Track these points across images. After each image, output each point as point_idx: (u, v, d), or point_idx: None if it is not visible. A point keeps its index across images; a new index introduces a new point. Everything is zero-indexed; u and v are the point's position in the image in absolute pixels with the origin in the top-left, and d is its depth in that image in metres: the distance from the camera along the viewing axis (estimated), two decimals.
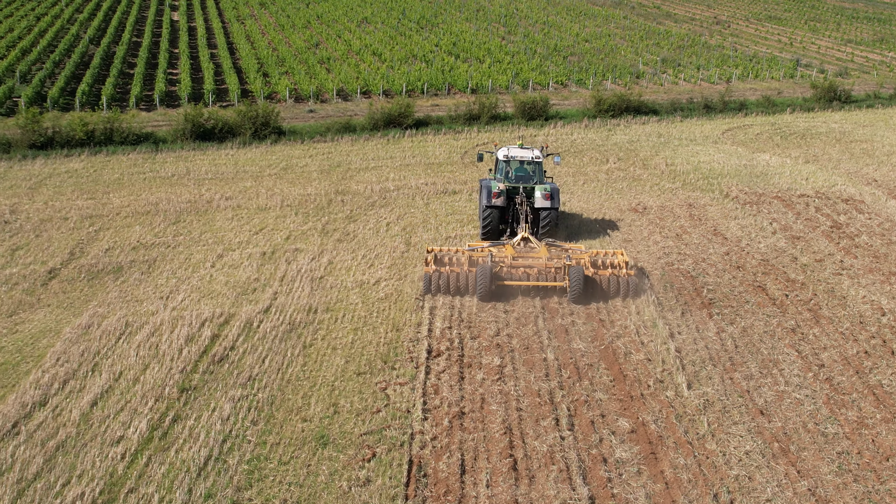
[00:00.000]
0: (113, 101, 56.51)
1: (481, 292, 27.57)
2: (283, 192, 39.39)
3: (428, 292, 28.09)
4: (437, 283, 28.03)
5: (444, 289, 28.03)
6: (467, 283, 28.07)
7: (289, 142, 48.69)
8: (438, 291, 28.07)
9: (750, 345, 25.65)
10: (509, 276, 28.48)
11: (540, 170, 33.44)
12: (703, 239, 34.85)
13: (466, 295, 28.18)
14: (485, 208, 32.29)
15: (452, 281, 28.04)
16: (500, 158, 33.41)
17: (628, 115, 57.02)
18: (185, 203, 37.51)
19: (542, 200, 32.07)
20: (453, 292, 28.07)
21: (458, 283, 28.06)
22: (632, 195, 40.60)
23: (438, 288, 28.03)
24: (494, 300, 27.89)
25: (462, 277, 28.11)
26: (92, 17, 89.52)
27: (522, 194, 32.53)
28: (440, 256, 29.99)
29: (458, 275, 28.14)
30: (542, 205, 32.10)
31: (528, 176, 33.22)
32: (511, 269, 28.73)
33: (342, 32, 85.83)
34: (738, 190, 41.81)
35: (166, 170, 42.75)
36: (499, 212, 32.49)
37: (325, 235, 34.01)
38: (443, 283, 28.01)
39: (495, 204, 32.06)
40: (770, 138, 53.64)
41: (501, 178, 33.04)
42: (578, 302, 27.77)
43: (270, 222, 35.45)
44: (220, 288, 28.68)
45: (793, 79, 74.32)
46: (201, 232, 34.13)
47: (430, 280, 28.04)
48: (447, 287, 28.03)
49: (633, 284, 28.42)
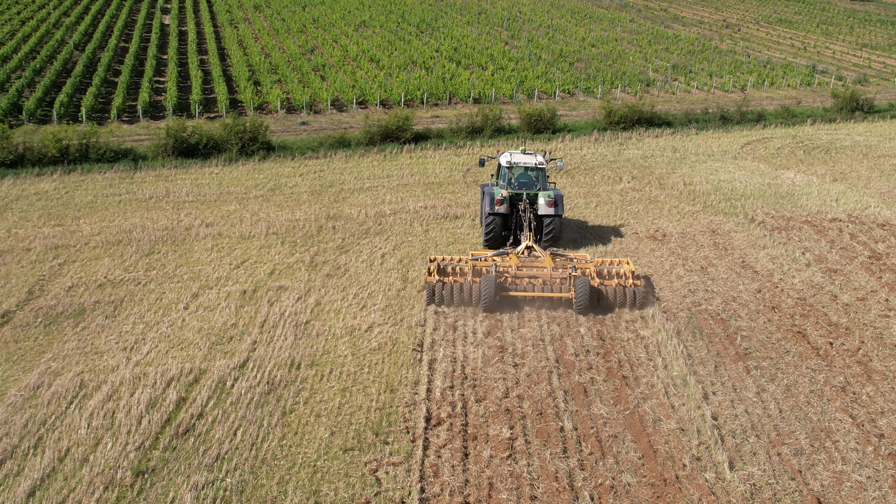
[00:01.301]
0: (94, 112, 53.30)
1: (486, 303, 26.93)
2: (270, 218, 36.09)
3: (431, 303, 27.43)
4: (441, 294, 27.42)
5: (447, 300, 27.39)
6: (471, 294, 27.38)
7: (278, 158, 45.39)
8: (442, 303, 27.43)
9: (796, 408, 22.35)
10: (514, 286, 27.82)
11: (543, 176, 32.56)
12: (730, 273, 31.55)
13: (470, 306, 27.38)
14: (488, 215, 31.50)
15: (456, 292, 27.40)
16: (502, 164, 32.47)
17: (640, 128, 53.71)
18: (161, 231, 34.21)
19: (546, 207, 31.38)
20: (457, 303, 27.39)
21: (462, 294, 27.39)
22: (649, 220, 37.29)
23: (442, 299, 27.42)
24: (499, 311, 27.18)
25: (466, 288, 27.44)
26: (79, 20, 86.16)
27: (525, 201, 31.88)
28: (443, 266, 29.08)
29: (462, 285, 27.50)
30: (545, 212, 31.38)
31: (531, 182, 32.45)
32: (515, 279, 28.11)
33: (339, 37, 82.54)
34: (763, 213, 38.49)
35: (144, 191, 39.43)
36: (502, 219, 31.75)
37: (313, 269, 30.71)
38: (446, 294, 27.38)
39: (498, 211, 31.32)
40: (792, 153, 50.32)
41: (504, 185, 32.21)
42: (584, 313, 27.16)
43: (254, 253, 32.16)
44: (192, 336, 25.38)
45: (810, 86, 71.00)
46: (176, 265, 30.83)
47: (433, 291, 27.46)
48: (451, 298, 27.39)
49: (639, 295, 27.75)
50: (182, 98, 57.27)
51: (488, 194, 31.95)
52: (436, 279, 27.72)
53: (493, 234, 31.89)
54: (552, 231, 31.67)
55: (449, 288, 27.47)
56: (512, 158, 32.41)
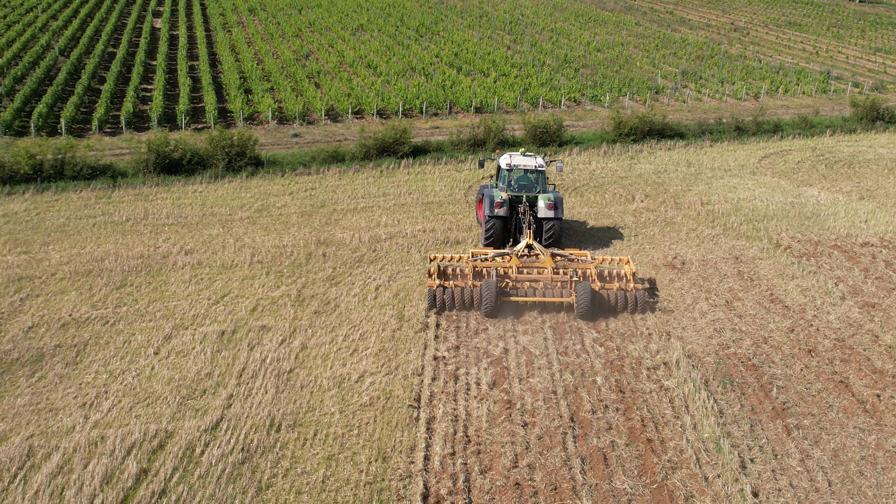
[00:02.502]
0: (75, 123, 50.48)
1: (487, 309, 26.75)
2: (255, 244, 33.26)
3: (433, 308, 27.26)
4: (442, 299, 27.25)
5: (448, 305, 27.25)
6: (472, 298, 27.24)
7: (267, 174, 42.52)
8: (443, 308, 27.27)
9: (847, 480, 19.53)
10: (515, 291, 27.65)
11: (543, 178, 32.45)
12: (759, 308, 28.71)
13: (472, 309, 27.23)
14: (488, 218, 31.26)
15: (457, 296, 27.25)
16: (502, 167, 32.23)
17: (652, 140, 50.87)
18: (135, 259, 31.37)
19: (546, 210, 31.27)
20: (458, 307, 27.27)
21: (464, 299, 27.27)
22: (666, 245, 34.46)
23: (443, 304, 27.25)
24: (500, 316, 26.99)
25: (467, 293, 27.28)
26: (67, 24, 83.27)
27: (525, 203, 31.79)
28: (443, 267, 29.24)
29: (463, 290, 27.35)
30: (545, 214, 31.29)
31: (531, 185, 32.29)
32: (516, 283, 28.04)
33: (335, 42, 79.69)
34: (789, 237, 35.66)
35: (121, 212, 36.59)
36: (502, 221, 31.54)
37: (300, 305, 27.87)
38: (447, 298, 27.23)
39: (498, 214, 31.17)
40: (813, 167, 47.47)
41: (504, 187, 32.07)
42: (586, 318, 26.96)
43: (235, 286, 29.32)
44: (161, 389, 22.55)
45: (826, 94, 68.13)
46: (149, 301, 27.98)
47: (433, 296, 27.27)
48: (452, 303, 27.26)
49: (640, 300, 27.60)
50: (169, 107, 54.47)
51: (488, 197, 31.55)
52: (437, 283, 27.59)
53: (494, 237, 31.55)
54: (552, 234, 31.46)
55: (450, 293, 27.26)
56: (512, 160, 32.06)
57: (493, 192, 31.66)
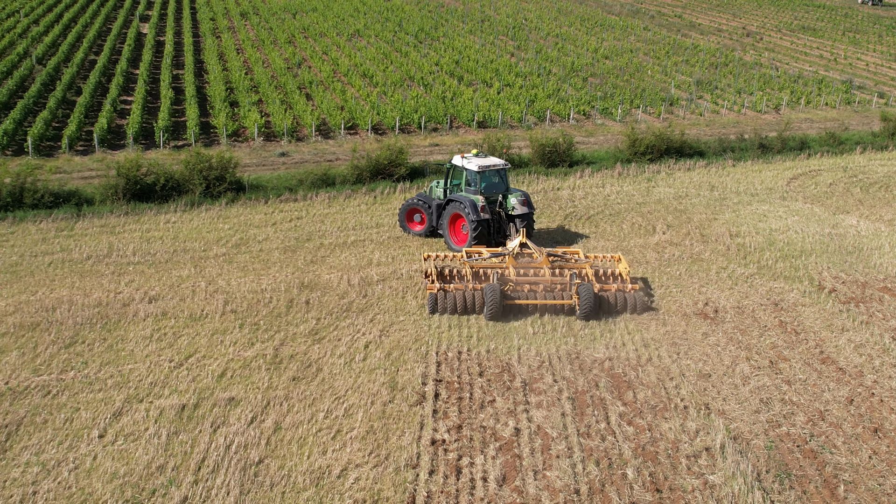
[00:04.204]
0: (45, 140, 46.61)
1: (492, 313, 26.78)
2: (230, 288, 29.32)
3: (434, 313, 27.30)
4: (444, 304, 27.28)
5: (450, 309, 27.26)
6: (474, 301, 27.29)
7: (249, 201, 38.61)
8: (445, 312, 27.33)
9: None
10: (516, 294, 27.76)
11: (507, 177, 33.35)
12: (809, 370, 24.78)
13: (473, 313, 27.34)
14: (476, 224, 31.24)
15: (459, 301, 27.26)
16: (473, 170, 32.14)
17: (669, 159, 46.95)
18: (92, 308, 27.43)
19: (521, 207, 32.09)
20: (460, 312, 27.25)
21: (466, 303, 27.26)
22: (695, 287, 30.52)
23: (445, 308, 27.30)
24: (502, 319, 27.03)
25: (469, 296, 27.31)
26: (49, 30, 79.28)
27: (499, 203, 32.37)
28: (441, 269, 29.24)
29: (465, 294, 27.34)
30: (521, 211, 32.02)
31: (500, 184, 32.85)
32: (517, 286, 28.07)
33: (329, 49, 75.74)
34: (832, 278, 31.74)
35: (83, 248, 32.65)
36: (486, 225, 31.87)
37: (277, 369, 23.93)
38: (449, 303, 27.25)
39: (484, 217, 31.39)
40: (847, 191, 43.53)
41: (477, 190, 32.14)
42: (588, 320, 27.18)
43: (203, 343, 25.37)
44: (101, 488, 18.59)
45: (850, 105, 64.20)
46: (101, 364, 24.04)
47: (435, 300, 27.28)
48: (454, 307, 27.26)
49: (639, 301, 27.93)
50: (148, 122, 50.61)
51: (468, 203, 31.35)
52: (437, 286, 27.49)
53: (480, 241, 31.69)
54: (528, 231, 32.05)
55: (452, 297, 27.24)
56: (480, 162, 32.17)
57: (470, 198, 31.60)
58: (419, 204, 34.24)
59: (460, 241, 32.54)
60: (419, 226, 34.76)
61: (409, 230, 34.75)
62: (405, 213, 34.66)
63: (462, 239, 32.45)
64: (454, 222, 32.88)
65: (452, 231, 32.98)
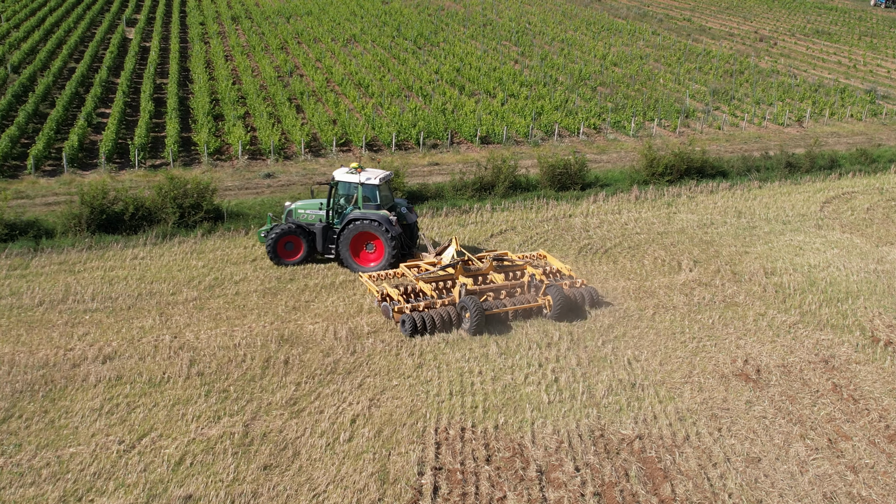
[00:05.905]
0: (11, 159, 42.75)
1: (476, 327, 26.02)
2: (198, 343, 25.47)
3: (415, 335, 25.90)
4: (423, 324, 25.96)
5: (429, 329, 25.99)
6: (450, 319, 26.39)
7: (228, 231, 34.75)
8: (425, 332, 25.96)
9: None
10: (488, 304, 27.16)
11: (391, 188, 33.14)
12: (875, 451, 20.96)
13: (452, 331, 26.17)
14: (393, 238, 30.29)
15: (437, 320, 26.16)
16: (373, 184, 30.84)
17: (690, 180, 43.11)
18: (36, 370, 23.58)
19: (412, 215, 32.21)
20: (439, 330, 26.15)
21: (444, 320, 26.27)
22: (731, 340, 26.69)
23: (425, 328, 25.98)
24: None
25: (445, 314, 26.39)
26: (28, 35, 75.35)
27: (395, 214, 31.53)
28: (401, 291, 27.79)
29: (441, 314, 26.34)
30: (412, 220, 32.10)
31: (391, 196, 32.33)
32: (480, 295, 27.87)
33: (324, 55, 71.84)
34: (885, 327, 27.92)
35: (35, 292, 28.75)
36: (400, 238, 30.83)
37: (245, 454, 20.10)
38: (428, 323, 26.03)
39: (399, 231, 30.62)
40: (887, 217, 39.69)
41: (379, 205, 31.09)
42: (560, 320, 26.90)
43: (161, 418, 21.53)
44: None
45: (877, 117, 60.35)
46: (38, 447, 20.19)
47: (414, 323, 25.90)
48: (433, 327, 26.08)
49: (595, 294, 28.11)
50: (125, 138, 46.73)
51: (382, 219, 30.20)
52: (408, 307, 26.63)
53: (399, 254, 30.77)
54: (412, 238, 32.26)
55: (429, 317, 26.14)
56: (373, 176, 30.95)
57: (381, 214, 30.42)
58: (294, 230, 31.11)
59: (370, 261, 30.93)
60: (295, 255, 31.53)
61: (284, 261, 31.43)
62: (276, 244, 31.20)
63: (372, 259, 30.93)
64: (358, 242, 30.69)
65: (354, 252, 30.93)
